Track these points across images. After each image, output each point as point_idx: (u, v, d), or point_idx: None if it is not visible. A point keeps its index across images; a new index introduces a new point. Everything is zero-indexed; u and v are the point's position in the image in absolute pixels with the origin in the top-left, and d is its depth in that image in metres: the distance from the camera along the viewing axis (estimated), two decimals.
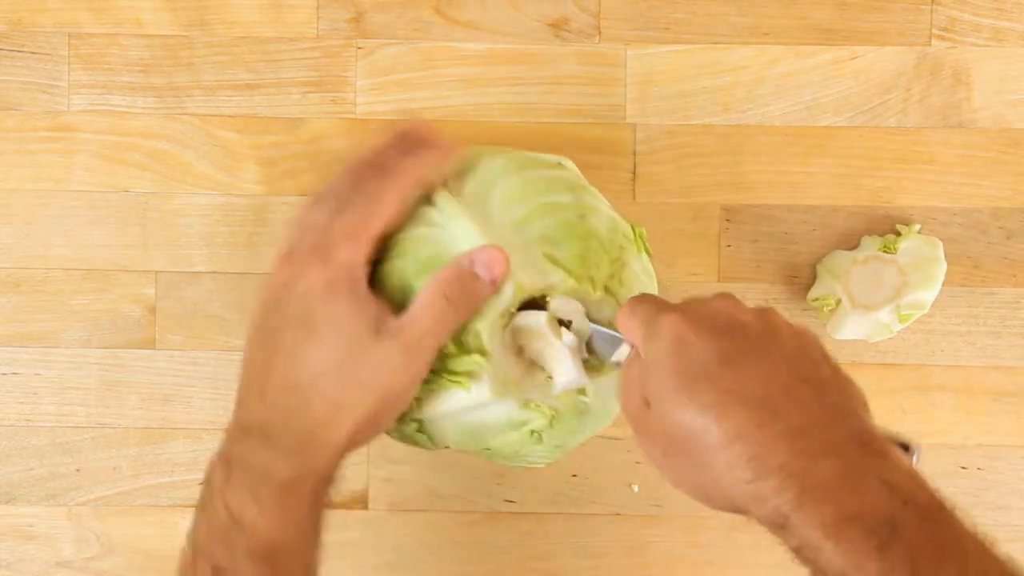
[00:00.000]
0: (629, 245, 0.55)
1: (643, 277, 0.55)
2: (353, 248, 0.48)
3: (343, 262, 0.48)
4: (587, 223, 0.52)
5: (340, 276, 0.48)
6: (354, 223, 0.48)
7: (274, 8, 0.68)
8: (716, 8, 0.68)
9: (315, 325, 0.48)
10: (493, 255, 0.49)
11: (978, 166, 0.68)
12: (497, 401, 0.51)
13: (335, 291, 0.47)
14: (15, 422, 0.68)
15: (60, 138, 0.68)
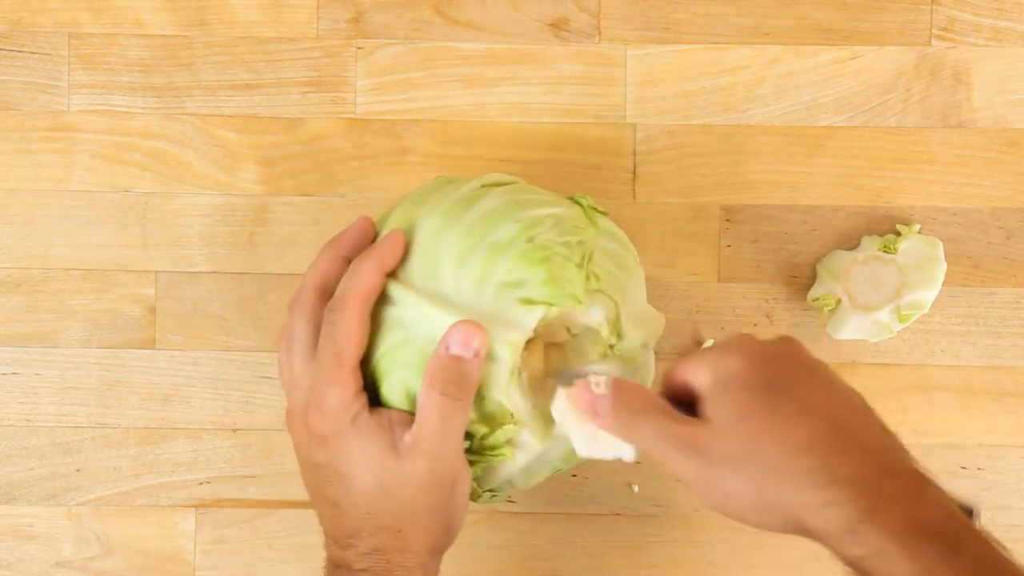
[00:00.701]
0: (583, 229, 0.53)
1: (610, 251, 0.54)
2: (339, 391, 0.49)
3: (336, 409, 0.49)
4: (539, 242, 0.50)
5: (340, 423, 0.49)
6: (328, 367, 0.49)
7: (274, 8, 0.68)
8: (716, 8, 0.68)
9: (340, 470, 0.50)
10: (464, 330, 0.48)
11: (978, 166, 0.68)
12: (546, 443, 0.52)
13: (343, 437, 0.49)
14: (15, 422, 0.68)
15: (60, 138, 0.68)
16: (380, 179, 0.68)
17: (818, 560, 0.67)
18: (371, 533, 0.49)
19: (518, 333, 0.49)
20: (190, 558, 0.68)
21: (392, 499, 0.49)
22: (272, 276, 0.68)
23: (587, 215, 0.54)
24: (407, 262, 0.52)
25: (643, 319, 0.54)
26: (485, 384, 0.50)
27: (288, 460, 0.68)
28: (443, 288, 0.50)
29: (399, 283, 0.51)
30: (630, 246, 0.56)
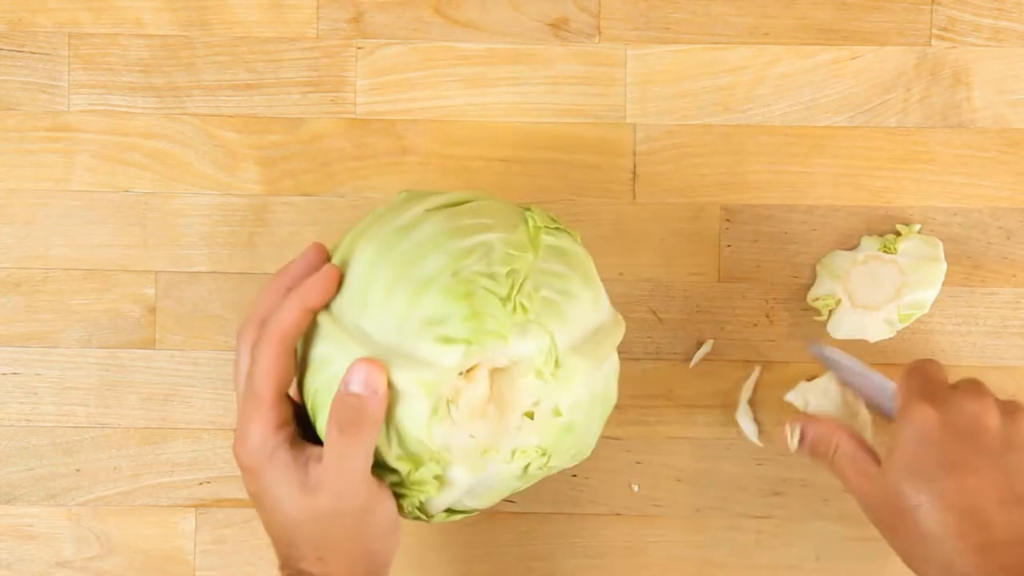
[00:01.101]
0: (518, 256, 0.51)
1: (552, 274, 0.52)
2: (258, 427, 0.51)
3: (256, 444, 0.51)
4: (464, 275, 0.49)
5: (260, 458, 0.51)
6: (249, 403, 0.51)
7: (274, 8, 0.68)
8: (716, 8, 0.68)
9: (265, 502, 0.52)
10: (362, 368, 0.49)
11: (978, 166, 0.68)
12: (483, 473, 0.52)
13: (262, 471, 0.51)
14: (15, 422, 0.68)
15: (60, 138, 0.68)
16: (380, 179, 0.68)
17: (818, 560, 0.68)
18: (296, 560, 0.52)
19: (431, 372, 0.49)
20: (190, 558, 0.68)
21: (305, 532, 0.51)
22: (272, 276, 0.68)
23: (530, 236, 0.52)
24: (340, 294, 0.52)
25: (589, 342, 0.53)
26: (402, 422, 0.50)
27: None
28: (368, 324, 0.50)
29: (330, 317, 0.52)
30: (581, 262, 0.55)
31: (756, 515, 0.67)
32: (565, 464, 0.55)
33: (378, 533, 0.52)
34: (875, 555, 0.67)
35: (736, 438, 0.68)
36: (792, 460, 0.67)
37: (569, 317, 0.52)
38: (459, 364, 0.49)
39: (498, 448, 0.51)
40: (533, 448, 0.52)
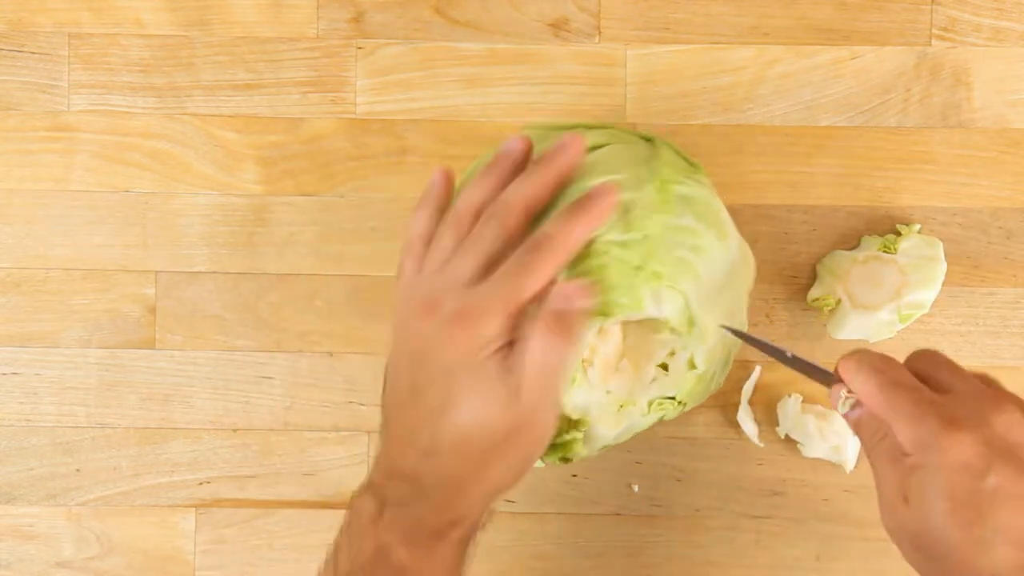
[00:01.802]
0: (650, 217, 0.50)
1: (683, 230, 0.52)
2: (500, 323, 0.47)
3: (489, 337, 0.47)
4: (597, 245, 0.50)
5: (485, 353, 0.47)
6: (506, 298, 0.47)
7: (274, 8, 0.68)
8: (716, 8, 0.68)
9: (457, 393, 0.48)
10: (577, 284, 0.48)
11: (978, 166, 0.68)
12: (620, 427, 0.53)
13: (478, 365, 0.47)
14: (15, 422, 0.68)
15: (60, 138, 0.68)
16: (380, 179, 0.68)
17: (818, 560, 0.68)
18: (456, 457, 0.48)
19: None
20: (190, 558, 0.68)
21: (492, 432, 0.48)
22: (272, 276, 0.68)
23: (661, 192, 0.52)
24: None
25: (722, 291, 0.53)
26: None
27: (288, 460, 0.68)
28: None
29: None
30: (710, 207, 0.54)
31: (756, 515, 0.67)
32: (696, 404, 0.56)
33: (538, 451, 0.50)
34: (875, 555, 0.67)
35: (736, 438, 0.68)
36: (792, 460, 0.67)
37: (702, 274, 0.52)
38: (593, 336, 0.50)
39: (634, 402, 0.52)
40: (668, 400, 0.53)
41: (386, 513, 0.48)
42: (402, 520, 0.48)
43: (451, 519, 0.48)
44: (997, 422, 0.45)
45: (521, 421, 0.48)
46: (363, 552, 0.48)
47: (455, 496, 0.48)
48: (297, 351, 0.68)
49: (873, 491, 0.69)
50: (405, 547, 0.47)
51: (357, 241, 0.68)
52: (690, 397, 0.54)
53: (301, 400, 0.68)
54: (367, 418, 0.68)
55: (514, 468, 0.50)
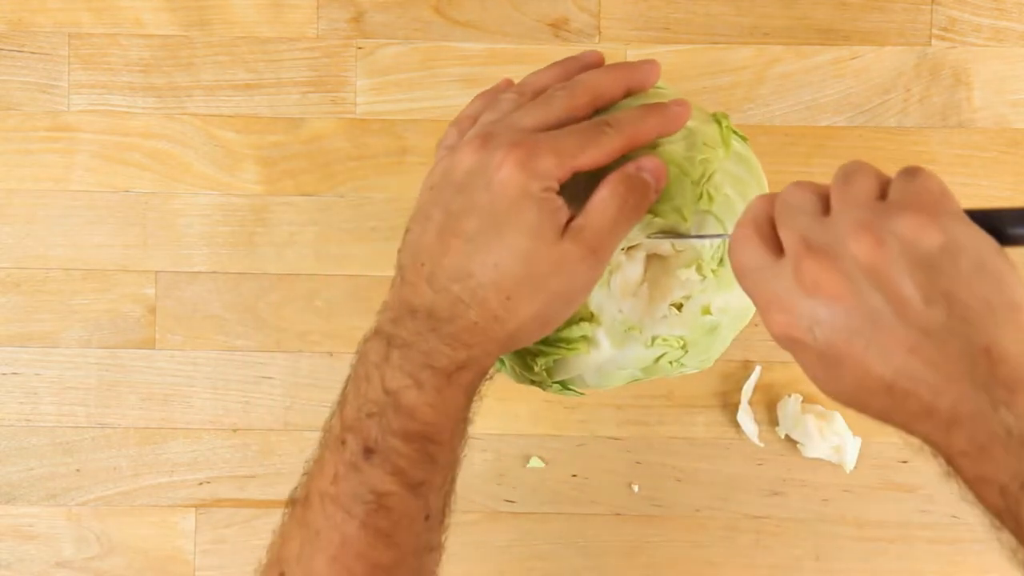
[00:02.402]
0: (712, 148, 0.52)
1: (734, 176, 0.53)
2: (556, 165, 0.46)
3: (542, 173, 0.46)
4: (662, 150, 0.51)
5: (535, 186, 0.46)
6: (565, 148, 0.47)
7: (274, 8, 0.68)
8: (716, 8, 0.68)
9: (501, 220, 0.46)
10: (658, 164, 0.49)
11: (978, 166, 0.68)
12: (622, 349, 0.52)
13: (527, 198, 0.46)
14: (15, 422, 0.68)
15: (60, 138, 0.68)
16: (380, 179, 0.68)
17: (818, 560, 0.68)
18: (481, 283, 0.46)
19: None
20: (190, 558, 0.68)
21: (527, 267, 0.46)
22: (272, 276, 0.68)
23: (722, 135, 0.53)
24: None
25: None
26: None
27: (288, 460, 0.68)
28: None
29: None
30: (759, 174, 0.55)
31: (756, 515, 0.67)
32: (692, 368, 0.55)
33: (564, 316, 0.49)
34: (875, 555, 0.67)
35: (736, 438, 0.67)
36: (792, 460, 0.67)
37: None
38: (637, 233, 0.50)
39: (641, 329, 0.52)
40: (674, 338, 0.52)
41: (393, 355, 0.47)
42: (410, 360, 0.46)
43: (462, 360, 0.47)
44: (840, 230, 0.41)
45: (561, 267, 0.47)
46: (370, 397, 0.46)
47: (468, 333, 0.47)
48: (297, 351, 0.68)
49: (873, 491, 0.69)
50: (414, 388, 0.46)
51: (357, 241, 0.68)
52: (695, 345, 0.53)
53: (301, 400, 0.68)
54: None
55: (536, 317, 0.48)
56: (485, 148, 0.47)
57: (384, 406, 0.46)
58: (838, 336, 0.41)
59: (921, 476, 0.67)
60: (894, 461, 0.67)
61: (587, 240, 0.47)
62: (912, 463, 0.67)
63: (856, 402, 0.42)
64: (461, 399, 0.48)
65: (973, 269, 0.38)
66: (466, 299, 0.47)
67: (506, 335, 0.48)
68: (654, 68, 0.52)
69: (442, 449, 0.47)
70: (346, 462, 0.46)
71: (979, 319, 0.38)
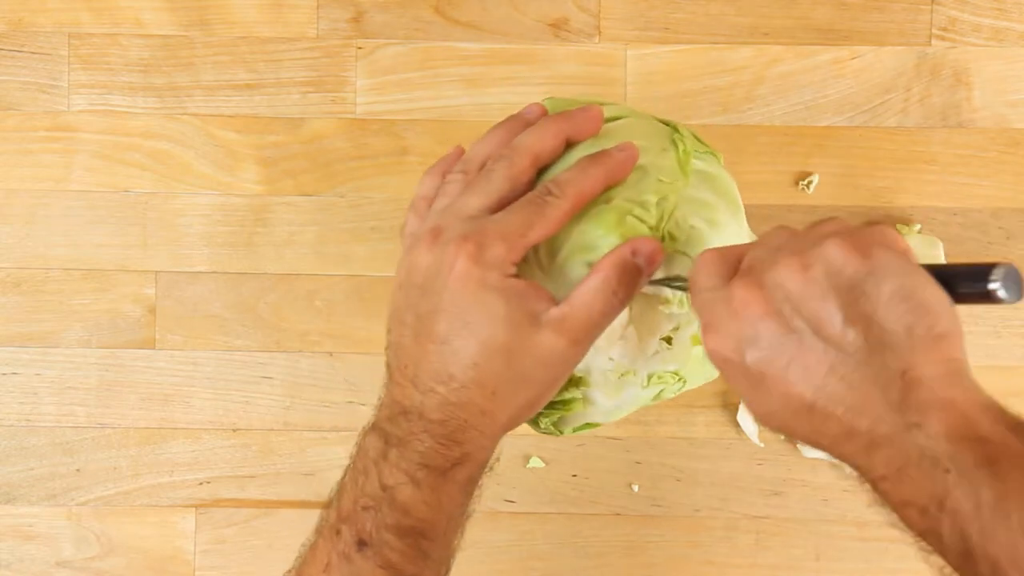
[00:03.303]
0: (670, 183, 0.50)
1: (700, 203, 0.51)
2: (507, 251, 0.46)
3: (495, 262, 0.46)
4: (616, 202, 0.49)
5: (491, 275, 0.46)
6: (513, 228, 0.47)
7: (274, 8, 0.68)
8: (716, 8, 0.68)
9: (469, 317, 0.46)
10: (652, 245, 0.47)
11: (978, 166, 0.68)
12: (619, 396, 0.52)
13: (487, 288, 0.46)
14: (15, 422, 0.68)
15: (60, 138, 0.68)
16: (380, 179, 0.68)
17: (818, 560, 0.68)
18: (463, 384, 0.47)
19: None
20: (190, 558, 0.68)
21: (508, 361, 0.46)
22: (272, 276, 0.68)
23: (680, 161, 0.51)
24: None
25: None
26: None
27: (288, 460, 0.68)
28: None
29: None
30: (727, 189, 0.54)
31: (756, 515, 0.67)
32: (693, 386, 0.55)
33: (549, 393, 0.49)
34: (875, 555, 0.67)
35: (736, 438, 0.68)
36: (792, 460, 0.67)
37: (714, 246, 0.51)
38: None
39: (635, 372, 0.52)
40: (669, 374, 0.52)
41: (391, 453, 0.47)
42: (407, 459, 0.47)
43: (457, 457, 0.47)
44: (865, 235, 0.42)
45: (543, 359, 0.47)
46: (367, 491, 0.47)
47: (460, 432, 0.47)
48: (297, 351, 0.68)
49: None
50: (410, 486, 0.47)
51: (357, 241, 0.68)
52: (691, 375, 0.53)
53: (301, 400, 0.68)
54: (367, 418, 0.68)
55: (525, 405, 0.48)
56: (437, 244, 0.47)
57: (380, 500, 0.47)
58: (762, 355, 0.42)
59: None
60: None
61: (570, 332, 0.47)
62: None
63: (783, 425, 0.43)
64: (458, 495, 0.48)
65: (897, 296, 0.39)
66: (453, 400, 0.47)
67: (498, 427, 0.48)
68: (593, 115, 0.51)
69: (435, 545, 0.48)
70: (339, 552, 0.46)
71: (898, 344, 0.39)
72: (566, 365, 0.48)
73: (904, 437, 0.38)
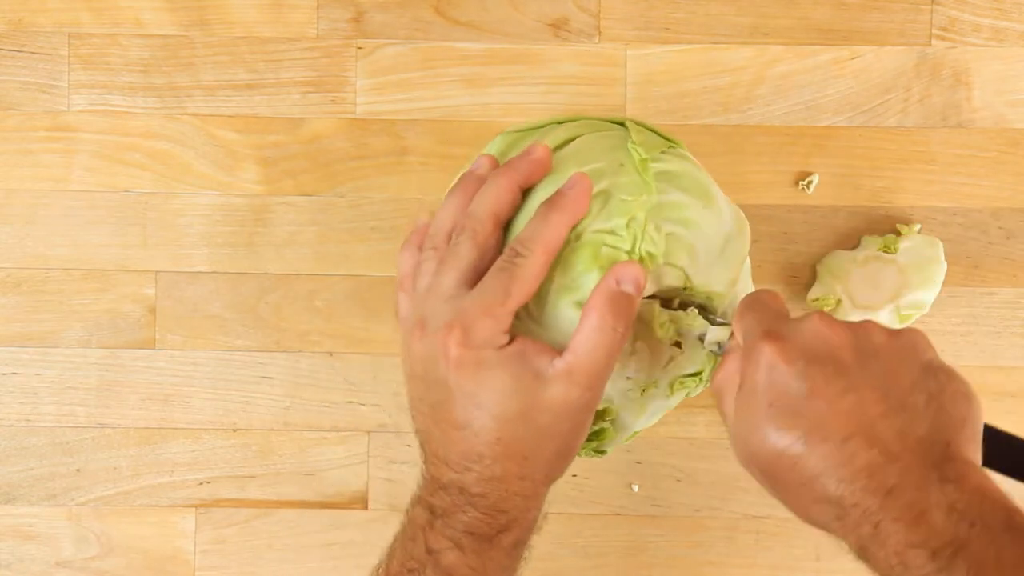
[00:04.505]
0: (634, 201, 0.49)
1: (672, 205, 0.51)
2: (493, 325, 0.47)
3: (485, 340, 0.47)
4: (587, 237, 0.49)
5: (485, 353, 0.47)
6: (492, 301, 0.47)
7: (274, 8, 0.68)
8: (716, 8, 0.68)
9: (479, 399, 0.47)
10: (633, 268, 0.48)
11: (978, 166, 0.68)
12: (646, 411, 0.53)
13: (485, 367, 0.47)
14: (15, 422, 0.68)
15: (60, 138, 0.68)
16: (380, 179, 0.68)
17: (818, 560, 0.68)
18: (495, 459, 0.47)
19: None
20: (190, 558, 0.68)
21: (529, 425, 0.47)
22: (272, 276, 0.68)
23: (640, 172, 0.50)
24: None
25: (720, 260, 0.52)
26: None
27: (288, 460, 0.68)
28: None
29: None
30: (693, 180, 0.53)
31: (756, 515, 0.67)
32: None
33: (584, 434, 0.50)
34: None
35: None
36: None
37: (696, 248, 0.51)
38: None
39: (656, 383, 0.52)
40: (690, 378, 0.52)
41: (436, 522, 0.48)
42: (452, 527, 0.48)
43: (502, 524, 0.48)
44: (810, 327, 0.46)
45: (562, 412, 0.47)
46: (414, 555, 0.48)
47: (501, 500, 0.48)
48: (297, 351, 0.68)
49: None
50: (456, 551, 0.48)
51: (357, 241, 0.68)
52: (711, 367, 0.53)
53: (301, 400, 0.68)
54: (367, 418, 0.68)
55: (559, 456, 0.49)
56: (426, 335, 0.48)
57: (425, 563, 0.48)
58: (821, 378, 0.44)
59: None
60: None
61: (581, 380, 0.47)
62: None
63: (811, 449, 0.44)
64: (504, 559, 0.49)
65: (962, 394, 0.45)
66: (488, 476, 0.48)
67: (539, 486, 0.49)
68: (537, 159, 0.50)
69: None
70: None
71: (950, 424, 0.44)
72: (587, 411, 0.49)
73: (934, 487, 0.41)
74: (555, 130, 0.53)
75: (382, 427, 0.68)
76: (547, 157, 0.50)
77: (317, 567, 0.68)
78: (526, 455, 0.48)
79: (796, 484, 0.43)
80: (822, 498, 0.42)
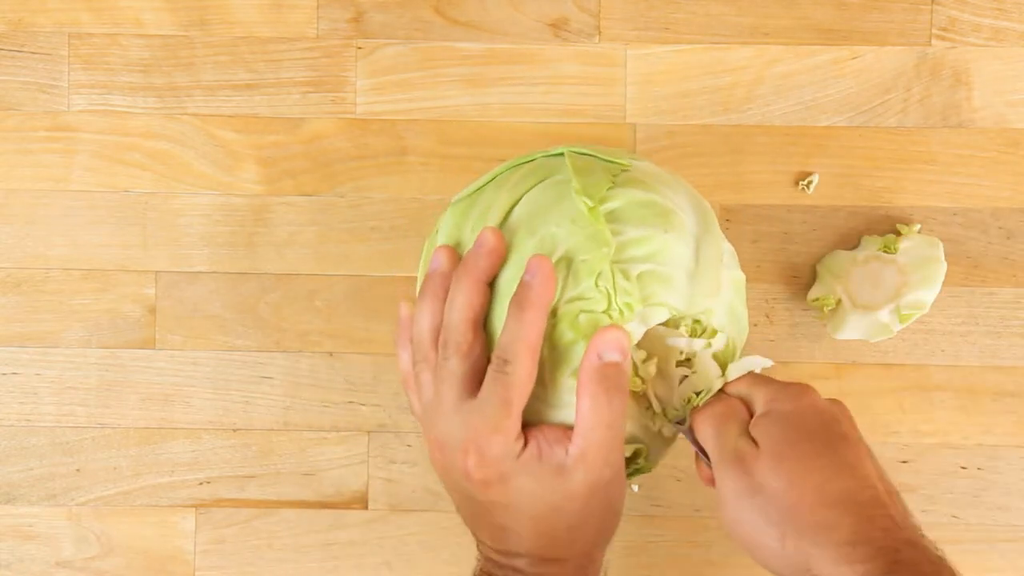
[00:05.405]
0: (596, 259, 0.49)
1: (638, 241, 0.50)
2: (503, 439, 0.48)
3: (502, 453, 0.48)
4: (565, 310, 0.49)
5: (505, 465, 0.49)
6: (495, 415, 0.48)
7: (274, 8, 0.68)
8: (716, 8, 0.68)
9: (512, 506, 0.50)
10: (613, 335, 0.48)
11: (978, 166, 0.68)
12: (673, 431, 0.53)
13: (508, 478, 0.49)
14: (15, 422, 0.68)
15: (60, 138, 0.68)
16: (380, 179, 0.68)
17: None
18: (542, 552, 0.50)
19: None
20: (190, 558, 0.68)
21: (563, 515, 0.49)
22: (272, 276, 0.68)
23: (594, 223, 0.49)
24: None
25: (701, 272, 0.52)
26: None
27: (288, 460, 0.68)
28: None
29: None
30: (648, 203, 0.51)
31: None
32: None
33: (619, 505, 0.52)
34: None
35: None
36: None
37: (671, 275, 0.50)
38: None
39: (675, 407, 0.53)
40: (704, 395, 0.53)
41: None
42: None
43: None
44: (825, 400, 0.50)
45: (589, 495, 0.49)
46: None
47: (558, 574, 0.51)
48: (297, 351, 0.68)
49: None
50: None
51: (357, 241, 0.68)
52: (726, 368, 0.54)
53: (301, 400, 0.68)
54: (367, 418, 0.68)
55: (601, 528, 0.51)
56: (446, 456, 0.50)
57: None
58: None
59: (921, 476, 0.67)
60: (895, 461, 0.67)
61: (595, 459, 0.48)
62: (912, 463, 0.67)
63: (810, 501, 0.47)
64: None
65: None
66: (538, 560, 0.50)
67: (593, 552, 0.52)
68: (492, 248, 0.50)
69: None
70: None
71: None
72: (614, 483, 0.50)
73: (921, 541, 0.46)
74: (498, 193, 0.53)
75: (382, 427, 0.68)
76: (499, 243, 0.50)
77: (317, 567, 0.68)
78: (571, 539, 0.50)
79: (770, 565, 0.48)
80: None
